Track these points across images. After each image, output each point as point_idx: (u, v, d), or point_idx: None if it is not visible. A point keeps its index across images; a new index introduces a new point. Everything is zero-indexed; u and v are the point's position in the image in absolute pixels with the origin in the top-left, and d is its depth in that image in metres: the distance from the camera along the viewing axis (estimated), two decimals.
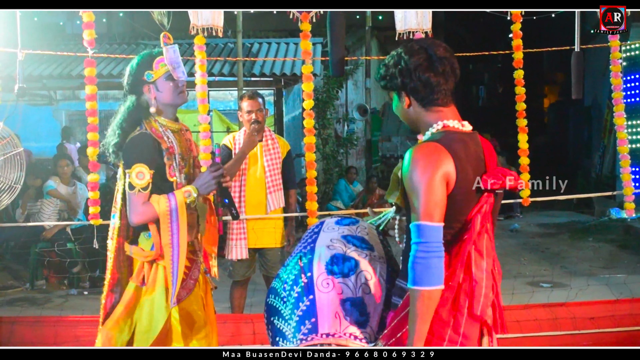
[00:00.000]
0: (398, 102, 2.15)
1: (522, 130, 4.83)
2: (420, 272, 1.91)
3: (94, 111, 4.50)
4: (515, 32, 4.76)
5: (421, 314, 1.92)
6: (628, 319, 4.55)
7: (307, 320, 2.10)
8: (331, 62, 4.20)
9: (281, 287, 2.23)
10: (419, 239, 1.94)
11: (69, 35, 13.19)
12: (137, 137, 2.81)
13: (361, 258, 2.18)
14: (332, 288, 2.11)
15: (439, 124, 2.08)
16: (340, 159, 12.33)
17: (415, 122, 2.14)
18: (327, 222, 2.37)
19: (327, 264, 2.16)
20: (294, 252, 2.35)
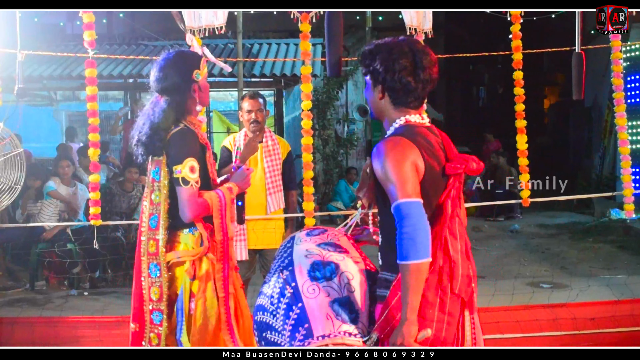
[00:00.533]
0: (371, 90, 2.30)
1: (521, 131, 4.83)
2: (408, 246, 2.03)
3: (94, 112, 4.51)
4: (515, 33, 4.76)
5: (412, 286, 2.04)
6: (628, 320, 4.55)
7: (300, 327, 2.16)
8: (328, 63, 4.20)
9: (267, 302, 2.27)
10: (402, 216, 2.06)
11: (69, 36, 13.20)
12: (183, 131, 2.77)
13: (339, 260, 2.27)
14: (319, 293, 2.19)
15: (402, 119, 2.26)
16: (340, 159, 12.33)
17: (380, 112, 2.32)
18: (297, 236, 2.45)
19: (309, 271, 2.24)
20: (272, 269, 2.39)
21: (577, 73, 4.81)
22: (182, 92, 2.80)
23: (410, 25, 4.55)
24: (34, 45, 6.61)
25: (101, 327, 4.68)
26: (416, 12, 4.52)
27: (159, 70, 2.81)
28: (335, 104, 12.12)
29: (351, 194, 10.69)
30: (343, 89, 12.41)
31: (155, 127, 2.75)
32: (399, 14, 4.69)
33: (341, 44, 4.24)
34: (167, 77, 2.79)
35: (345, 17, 4.22)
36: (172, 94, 2.79)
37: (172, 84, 2.79)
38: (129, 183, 7.42)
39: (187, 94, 2.81)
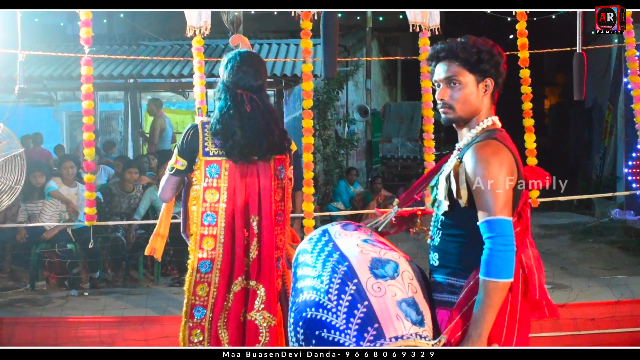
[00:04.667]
0: (472, 87, 2.22)
1: (529, 130, 4.79)
2: (500, 265, 2.03)
3: (89, 110, 4.49)
4: (520, 31, 4.73)
5: (495, 304, 2.03)
6: (629, 320, 4.55)
7: (369, 327, 2.04)
8: (324, 64, 4.18)
9: (322, 298, 2.12)
10: (495, 233, 2.05)
11: (70, 36, 13.19)
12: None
13: (396, 259, 2.19)
14: (385, 291, 2.09)
15: (489, 120, 2.25)
16: (340, 159, 12.32)
17: (471, 110, 2.23)
18: (332, 229, 2.33)
19: (370, 268, 2.13)
20: (305, 263, 2.26)
21: (578, 73, 4.80)
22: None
23: (414, 22, 4.52)
24: (34, 46, 6.60)
25: (101, 327, 4.68)
26: (421, 10, 4.49)
27: (259, 69, 2.90)
28: (335, 104, 12.12)
29: (351, 194, 10.68)
30: (343, 89, 12.41)
31: (283, 126, 2.94)
32: (399, 14, 4.68)
33: (337, 44, 4.23)
34: (264, 75, 2.95)
35: (346, 17, 4.23)
36: (265, 92, 2.95)
37: (265, 82, 2.97)
38: (129, 183, 7.42)
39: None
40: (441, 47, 2.25)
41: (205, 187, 2.82)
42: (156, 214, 7.30)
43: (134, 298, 5.97)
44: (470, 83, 2.21)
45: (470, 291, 2.10)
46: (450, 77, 2.21)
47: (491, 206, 2.06)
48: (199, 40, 4.37)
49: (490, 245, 2.05)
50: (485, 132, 2.22)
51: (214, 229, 2.81)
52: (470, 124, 2.25)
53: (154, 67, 10.15)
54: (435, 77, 2.27)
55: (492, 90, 2.26)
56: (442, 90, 2.24)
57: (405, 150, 13.29)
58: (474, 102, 2.22)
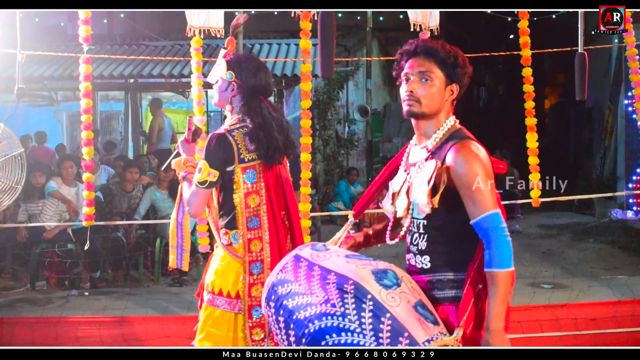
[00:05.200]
0: (441, 87, 2.31)
1: (531, 129, 4.76)
2: (507, 254, 2.13)
3: (88, 109, 4.48)
4: (522, 30, 4.72)
5: (506, 294, 2.13)
6: (630, 320, 4.55)
7: (400, 338, 2.04)
8: (321, 64, 4.18)
9: (344, 321, 2.06)
10: (494, 225, 2.14)
11: (70, 36, 13.18)
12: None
13: (388, 266, 2.22)
14: (400, 300, 2.11)
15: (451, 119, 2.34)
16: (341, 160, 12.32)
17: (438, 109, 2.32)
18: (304, 253, 2.29)
19: (376, 280, 2.13)
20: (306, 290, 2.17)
21: (580, 73, 4.79)
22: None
23: (415, 21, 4.52)
24: (34, 46, 6.61)
25: (102, 327, 4.68)
26: (422, 10, 4.49)
27: (267, 72, 2.99)
28: (335, 104, 12.12)
29: (352, 194, 10.68)
30: (344, 89, 12.41)
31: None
32: (399, 14, 4.68)
33: (334, 45, 4.23)
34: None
35: (346, 17, 4.23)
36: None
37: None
38: (129, 183, 7.42)
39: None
40: (421, 43, 2.34)
41: (245, 193, 2.86)
42: (156, 214, 7.31)
43: (134, 298, 5.97)
44: (440, 82, 2.30)
45: (473, 282, 2.18)
46: (424, 72, 2.29)
47: (488, 201, 2.16)
48: (198, 41, 4.37)
49: (492, 238, 2.14)
50: (454, 132, 2.30)
51: (259, 231, 2.87)
52: (431, 124, 2.33)
53: (154, 67, 10.15)
54: (406, 70, 2.34)
55: (454, 97, 2.35)
56: (412, 83, 2.31)
57: None
58: (438, 102, 2.31)
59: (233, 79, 2.93)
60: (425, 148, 2.33)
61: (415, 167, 2.33)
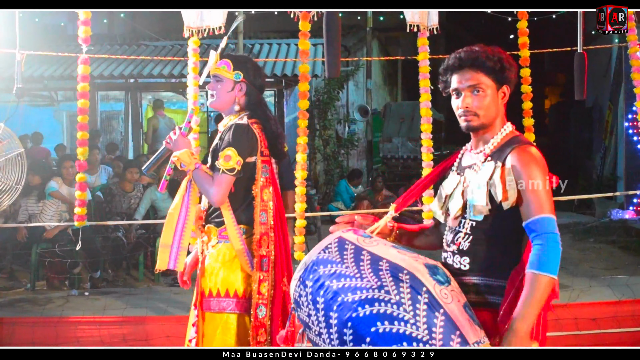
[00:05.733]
0: (494, 94, 2.28)
1: (529, 130, 4.78)
2: (553, 260, 2.13)
3: (85, 109, 4.50)
4: (521, 30, 4.73)
5: (543, 301, 2.09)
6: (630, 320, 4.55)
7: (452, 335, 2.01)
8: (327, 63, 4.20)
9: (398, 309, 2.00)
10: (548, 230, 2.17)
11: (70, 36, 13.18)
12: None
13: (437, 263, 2.18)
14: (452, 297, 2.06)
15: (508, 125, 2.33)
16: (341, 159, 12.32)
17: (494, 115, 2.29)
18: (349, 236, 2.24)
19: (430, 274, 2.09)
20: (354, 273, 2.09)
21: (580, 73, 4.80)
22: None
23: (412, 22, 4.53)
24: (34, 46, 6.60)
25: (101, 327, 4.68)
26: (419, 10, 4.50)
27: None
28: (336, 104, 12.12)
29: (352, 194, 10.67)
30: (344, 89, 12.41)
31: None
32: (400, 14, 4.68)
33: (339, 44, 4.24)
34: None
35: (346, 17, 4.24)
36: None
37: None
38: (129, 183, 7.42)
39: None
40: (464, 55, 2.30)
41: (262, 186, 2.88)
42: (156, 214, 7.31)
43: (134, 298, 5.97)
44: (492, 91, 2.28)
45: (516, 292, 2.13)
46: (474, 85, 2.26)
47: (544, 204, 2.16)
48: (196, 41, 4.39)
49: (544, 241, 2.14)
50: (513, 137, 2.29)
51: (266, 227, 2.87)
52: (490, 130, 2.30)
53: (154, 67, 10.15)
54: (455, 85, 2.29)
55: (507, 98, 2.33)
56: (465, 98, 2.27)
57: (405, 150, 13.28)
58: (494, 110, 2.28)
59: (241, 79, 2.93)
60: (482, 152, 2.30)
61: (471, 170, 2.30)
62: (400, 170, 13.04)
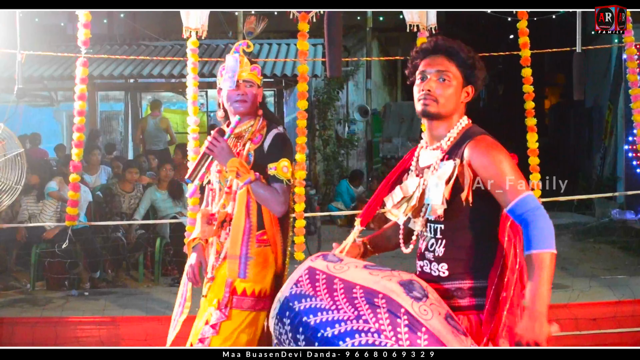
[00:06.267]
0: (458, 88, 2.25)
1: (531, 130, 4.76)
2: (549, 235, 2.03)
3: (82, 111, 4.52)
4: (522, 30, 4.72)
5: (550, 277, 2.01)
6: (630, 320, 4.55)
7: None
8: (328, 63, 4.21)
9: (379, 338, 1.97)
10: (530, 207, 2.06)
11: (70, 36, 13.17)
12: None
13: (411, 277, 2.13)
14: (432, 313, 2.01)
15: (465, 119, 2.30)
16: (341, 160, 12.32)
17: (453, 110, 2.26)
18: (318, 264, 2.17)
19: (406, 292, 2.03)
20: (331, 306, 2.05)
21: (578, 73, 4.81)
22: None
23: (411, 22, 4.54)
24: (34, 46, 6.60)
25: (101, 327, 4.68)
26: (418, 10, 4.51)
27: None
28: (335, 104, 12.12)
29: (352, 195, 10.68)
30: (344, 89, 12.41)
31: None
32: (399, 14, 4.68)
33: (340, 44, 4.25)
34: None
35: (346, 17, 4.24)
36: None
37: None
38: (129, 183, 7.42)
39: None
40: (441, 41, 2.27)
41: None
42: (156, 214, 7.31)
43: (133, 298, 5.98)
44: (457, 84, 2.25)
45: (496, 290, 2.10)
46: (442, 72, 2.23)
47: (514, 190, 2.09)
48: (195, 42, 4.40)
49: (532, 218, 2.05)
50: (468, 130, 2.25)
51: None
52: (443, 125, 2.26)
53: (154, 67, 10.15)
54: (422, 68, 2.26)
55: (469, 99, 2.29)
56: (429, 82, 2.23)
57: (405, 150, 13.21)
58: (454, 103, 2.25)
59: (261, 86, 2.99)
60: (440, 149, 2.25)
61: (430, 170, 2.24)
62: None
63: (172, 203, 7.29)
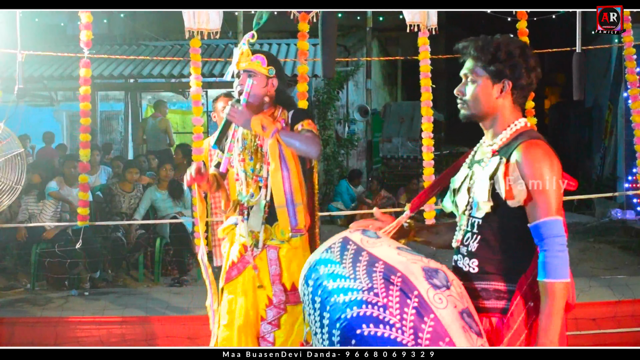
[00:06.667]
0: (486, 86, 2.18)
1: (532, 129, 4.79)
2: (561, 265, 2.01)
3: (87, 112, 4.53)
4: (521, 30, 4.74)
5: (562, 308, 2.02)
6: (630, 320, 4.55)
7: (440, 342, 1.95)
8: (323, 64, 4.20)
9: (384, 313, 1.96)
10: (553, 234, 2.03)
11: (70, 36, 13.17)
12: None
13: (440, 267, 2.10)
14: (447, 303, 1.98)
15: (521, 121, 2.21)
16: (340, 159, 12.33)
17: (483, 109, 2.20)
18: (354, 236, 2.18)
19: (426, 277, 2.01)
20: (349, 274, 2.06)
21: (578, 73, 4.81)
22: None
23: (412, 22, 4.54)
24: (34, 46, 6.60)
25: (101, 327, 4.68)
26: (418, 10, 4.51)
27: None
28: (335, 104, 12.12)
29: (352, 195, 10.68)
30: (344, 89, 12.41)
31: None
32: (399, 14, 4.69)
33: (335, 44, 4.25)
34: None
35: (346, 17, 4.25)
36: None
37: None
38: (129, 183, 7.42)
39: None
40: (463, 44, 2.24)
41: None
42: (156, 214, 7.31)
43: (134, 298, 5.97)
44: (483, 82, 2.18)
45: (524, 296, 2.07)
46: (466, 74, 2.22)
47: (550, 206, 2.05)
48: (196, 41, 4.40)
49: (549, 246, 2.02)
50: (524, 132, 2.17)
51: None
52: (494, 124, 2.21)
53: (154, 67, 10.16)
54: (460, 72, 2.27)
55: (511, 92, 2.19)
56: (460, 85, 2.23)
57: (405, 150, 13.28)
58: (485, 102, 2.18)
59: (274, 75, 2.96)
60: (492, 147, 2.21)
61: (480, 164, 2.21)
62: (400, 170, 13.04)
63: (172, 203, 7.29)
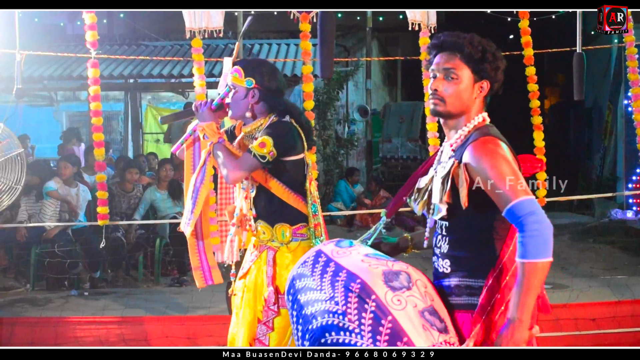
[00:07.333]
0: (468, 84, 2.19)
1: (537, 128, 4.77)
2: (538, 243, 1.97)
3: (98, 112, 4.53)
4: (523, 29, 4.73)
5: (534, 287, 1.98)
6: (630, 320, 4.55)
7: (398, 342, 1.98)
8: (320, 64, 4.19)
9: (343, 320, 2.03)
10: (523, 213, 1.99)
11: (70, 36, 13.19)
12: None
13: (405, 269, 2.14)
14: (405, 303, 2.02)
15: (479, 116, 2.22)
16: (340, 160, 12.33)
17: (461, 107, 2.19)
18: (327, 248, 2.25)
19: (385, 281, 2.06)
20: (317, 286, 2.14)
21: (578, 73, 4.81)
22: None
23: (413, 20, 4.54)
24: (34, 46, 6.60)
25: (101, 327, 4.68)
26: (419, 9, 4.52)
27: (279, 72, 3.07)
28: (335, 104, 12.12)
29: (352, 194, 10.68)
30: (343, 89, 12.41)
31: None
32: (399, 14, 4.69)
33: (333, 45, 4.24)
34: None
35: (346, 17, 4.25)
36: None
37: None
38: (129, 183, 7.42)
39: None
40: (447, 37, 2.21)
41: (309, 179, 2.95)
42: (156, 214, 7.31)
43: (133, 298, 5.98)
44: (466, 80, 2.17)
45: (490, 291, 2.08)
46: (449, 69, 2.17)
47: (510, 193, 2.02)
48: (197, 41, 4.39)
49: (523, 226, 1.99)
50: (477, 130, 2.18)
51: (317, 218, 2.93)
52: (459, 122, 2.21)
53: (154, 67, 10.15)
54: (433, 66, 2.22)
55: (486, 94, 2.22)
56: (436, 81, 2.19)
57: (405, 151, 13.29)
58: (465, 100, 2.18)
59: (254, 85, 2.88)
60: (452, 146, 2.21)
61: (441, 165, 2.21)
62: (399, 170, 13.05)
63: (171, 203, 7.30)
